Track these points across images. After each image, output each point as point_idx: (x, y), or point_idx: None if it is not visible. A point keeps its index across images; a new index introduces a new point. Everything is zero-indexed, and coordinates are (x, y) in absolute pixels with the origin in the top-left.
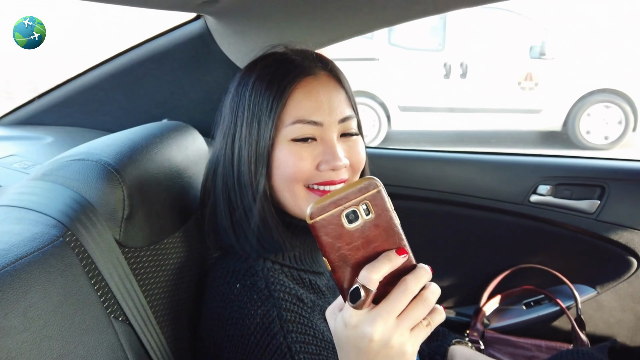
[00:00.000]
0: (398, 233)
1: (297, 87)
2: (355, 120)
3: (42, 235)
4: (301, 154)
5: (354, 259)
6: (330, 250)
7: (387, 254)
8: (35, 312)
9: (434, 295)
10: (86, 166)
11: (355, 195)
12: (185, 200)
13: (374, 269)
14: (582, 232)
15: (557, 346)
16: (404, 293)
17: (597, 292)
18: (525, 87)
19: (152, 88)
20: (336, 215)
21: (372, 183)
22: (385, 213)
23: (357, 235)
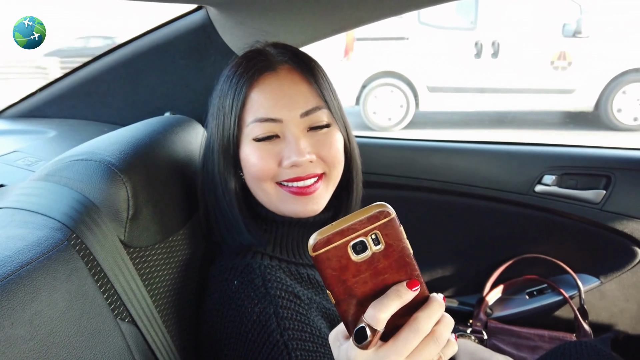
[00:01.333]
0: (410, 264)
1: (254, 85)
2: (324, 112)
3: (46, 240)
4: (262, 152)
5: (361, 292)
6: (334, 283)
7: (397, 288)
8: (41, 319)
9: (447, 330)
10: (89, 166)
11: (363, 225)
12: (189, 197)
13: (382, 307)
14: (587, 222)
15: (560, 336)
16: (416, 333)
17: (601, 282)
18: (558, 66)
19: (154, 80)
20: (342, 247)
21: (384, 212)
22: (397, 243)
23: (365, 267)
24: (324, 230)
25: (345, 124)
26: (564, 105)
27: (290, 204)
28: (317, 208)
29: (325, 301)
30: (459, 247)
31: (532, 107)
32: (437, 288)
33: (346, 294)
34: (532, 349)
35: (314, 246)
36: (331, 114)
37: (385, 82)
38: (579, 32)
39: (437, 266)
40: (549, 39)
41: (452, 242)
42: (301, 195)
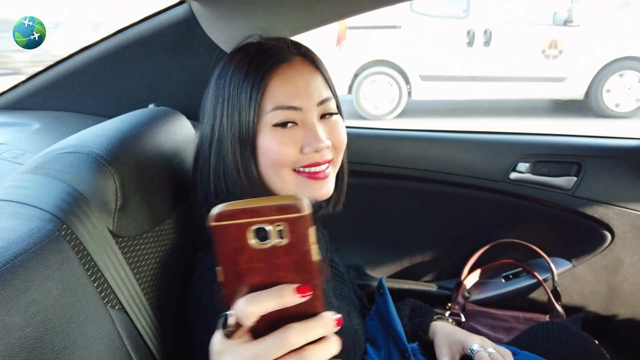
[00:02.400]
0: (311, 271)
1: (273, 75)
2: (333, 101)
3: (38, 230)
4: (283, 139)
5: (251, 281)
6: (226, 262)
7: (281, 288)
8: (35, 307)
9: (319, 356)
10: (78, 159)
11: (272, 212)
12: (176, 187)
13: (255, 301)
14: (559, 207)
15: (534, 317)
16: (280, 342)
17: (573, 265)
18: (549, 55)
19: (137, 72)
20: (243, 226)
21: (295, 206)
22: (302, 244)
23: (262, 256)
24: (232, 204)
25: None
26: (555, 94)
27: (308, 189)
28: (329, 192)
29: None
30: (438, 233)
31: (523, 95)
32: (416, 273)
33: (235, 277)
34: (508, 330)
35: (216, 216)
36: (337, 103)
37: (377, 71)
38: (570, 21)
39: (417, 252)
40: (541, 28)
41: (431, 228)
42: (317, 180)
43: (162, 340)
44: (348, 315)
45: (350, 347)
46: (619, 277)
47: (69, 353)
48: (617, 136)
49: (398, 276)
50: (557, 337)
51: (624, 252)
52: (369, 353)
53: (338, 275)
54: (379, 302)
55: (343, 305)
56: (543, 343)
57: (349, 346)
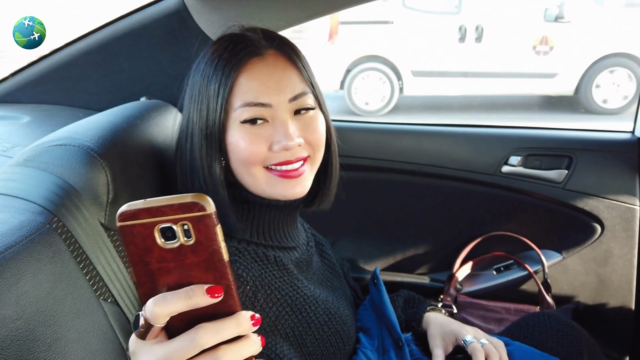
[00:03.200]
0: (221, 270)
1: (242, 70)
2: (310, 96)
3: (29, 223)
4: (252, 137)
5: (163, 281)
6: (136, 262)
7: (191, 288)
8: (27, 299)
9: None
10: (68, 151)
11: (174, 211)
12: (167, 180)
13: (163, 302)
14: (550, 200)
15: (525, 308)
16: (189, 344)
17: (563, 257)
18: (540, 51)
19: (128, 65)
20: (148, 226)
21: (198, 205)
22: (209, 242)
23: (171, 256)
24: (134, 203)
25: (325, 108)
26: (545, 90)
27: (279, 187)
28: (303, 190)
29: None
30: (430, 226)
31: (515, 91)
32: (409, 266)
33: (147, 277)
34: (499, 321)
35: (120, 216)
36: (315, 98)
37: (369, 67)
38: (562, 17)
39: (410, 245)
40: (532, 24)
41: (424, 221)
42: (289, 179)
43: None
44: (337, 306)
45: (338, 337)
46: (608, 269)
47: (61, 346)
48: (608, 130)
49: (391, 269)
50: (548, 327)
51: (614, 244)
52: (362, 342)
53: (329, 266)
54: (373, 292)
55: (331, 297)
56: (534, 333)
57: (337, 336)
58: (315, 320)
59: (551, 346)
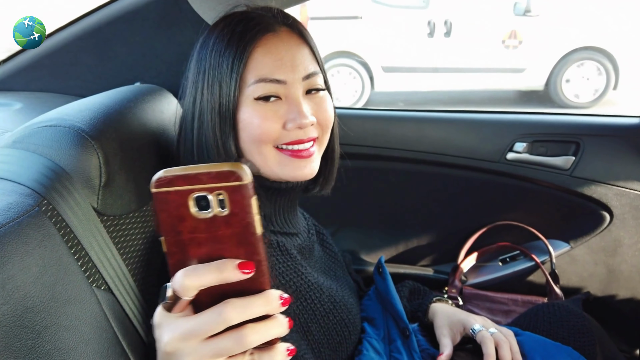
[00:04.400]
0: (254, 245)
1: (257, 45)
2: (320, 76)
3: (16, 205)
4: (266, 114)
5: (194, 252)
6: (168, 231)
7: (223, 262)
8: (14, 284)
9: (259, 335)
10: (59, 132)
11: (211, 179)
12: (163, 166)
13: (193, 274)
14: (557, 188)
15: (533, 300)
16: (216, 317)
17: (571, 247)
18: (509, 45)
19: (122, 50)
20: (183, 194)
21: (235, 174)
22: (243, 215)
23: (204, 227)
24: (171, 170)
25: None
26: (516, 84)
27: (290, 167)
28: (312, 172)
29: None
30: (433, 216)
31: (485, 86)
32: (412, 258)
33: (178, 247)
34: (506, 312)
35: (156, 182)
36: (324, 79)
37: (340, 63)
38: (529, 11)
39: (412, 236)
40: (501, 18)
41: (427, 211)
42: (300, 159)
43: (149, 323)
44: (341, 294)
45: (343, 325)
46: (618, 259)
47: (51, 333)
48: (616, 114)
49: (394, 261)
50: (559, 318)
51: (623, 232)
52: (367, 332)
53: (331, 255)
54: (378, 281)
55: (335, 285)
56: (544, 324)
57: (342, 324)
58: (320, 308)
59: (562, 337)
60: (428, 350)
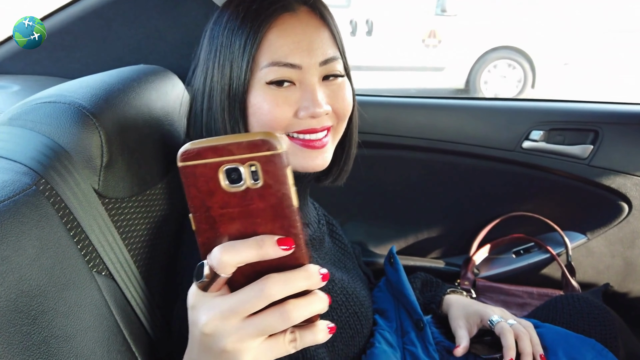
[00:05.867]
0: (290, 218)
1: (272, 25)
2: (340, 62)
3: (12, 183)
4: (278, 99)
5: (225, 229)
6: (197, 207)
7: (262, 237)
8: (8, 265)
9: (303, 310)
10: (58, 109)
11: (242, 149)
12: (167, 150)
13: (232, 250)
14: (574, 177)
15: (549, 292)
16: (259, 293)
17: (588, 239)
18: (429, 44)
19: (125, 31)
20: (213, 167)
21: (268, 143)
22: (278, 186)
23: (236, 201)
24: (198, 142)
25: (351, 77)
26: (437, 83)
27: (300, 157)
28: (324, 163)
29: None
30: (445, 206)
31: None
32: (423, 250)
33: (208, 224)
34: (521, 305)
35: (183, 155)
36: (344, 65)
37: None
38: (445, 11)
39: (423, 227)
40: (420, 17)
41: (438, 201)
42: (311, 149)
43: (152, 311)
44: (353, 286)
45: (356, 318)
46: (636, 251)
47: (48, 319)
48: (636, 102)
49: (404, 253)
50: (579, 310)
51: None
52: (379, 324)
53: (341, 247)
54: (389, 272)
55: (346, 277)
56: (564, 315)
57: (355, 317)
58: (332, 301)
59: (583, 329)
60: (443, 343)
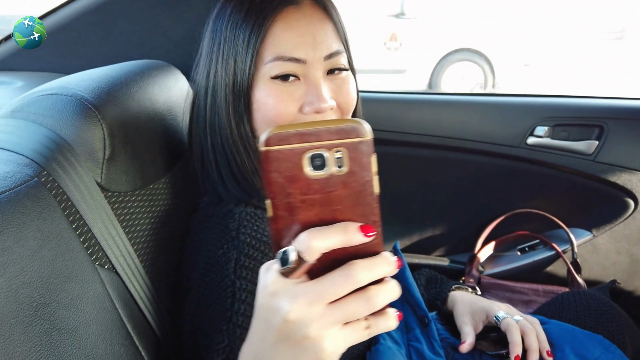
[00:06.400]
0: (371, 205)
1: (277, 18)
2: (344, 56)
3: (13, 175)
4: (282, 95)
5: (304, 215)
6: (277, 193)
7: (346, 224)
8: (9, 256)
9: (386, 295)
10: (60, 101)
11: (330, 135)
12: (170, 145)
13: (320, 235)
14: (580, 174)
15: (555, 290)
16: (345, 280)
17: (593, 235)
18: (390, 47)
19: (128, 27)
20: (298, 152)
21: (359, 129)
22: (363, 173)
23: (317, 188)
24: (283, 126)
25: (355, 71)
26: (399, 86)
27: None
28: None
29: None
30: (449, 203)
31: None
32: (427, 247)
33: (286, 210)
34: (526, 303)
35: (267, 140)
36: (348, 58)
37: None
38: (403, 14)
39: (427, 224)
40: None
41: (442, 198)
42: None
43: (156, 306)
44: None
45: None
46: None
47: (50, 311)
48: None
49: (408, 250)
50: (585, 306)
51: None
52: None
53: None
54: None
55: None
56: (570, 312)
57: None
58: None
59: (590, 326)
60: (448, 340)
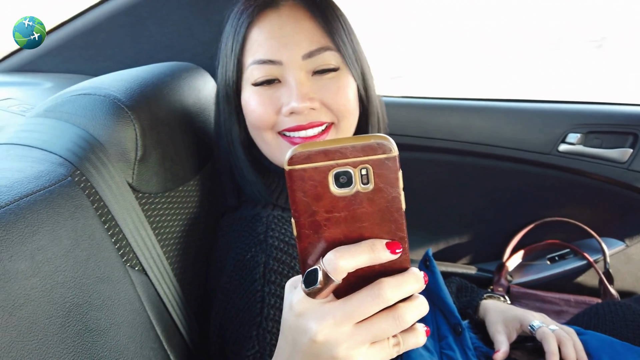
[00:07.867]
0: (398, 221)
1: (254, 23)
2: (333, 53)
3: (47, 174)
4: (261, 98)
5: (330, 233)
6: (302, 212)
7: (373, 242)
8: (44, 255)
9: (415, 312)
10: (94, 101)
11: (355, 153)
12: (199, 147)
13: (347, 254)
14: (613, 182)
15: (587, 300)
16: (373, 299)
17: (626, 245)
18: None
19: (157, 29)
20: (322, 170)
21: (384, 145)
22: (390, 189)
23: (343, 205)
24: (308, 144)
25: (362, 70)
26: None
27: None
28: None
29: None
30: (477, 211)
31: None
32: (454, 255)
33: (312, 229)
34: (558, 313)
35: (291, 159)
36: (341, 56)
37: None
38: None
39: (454, 232)
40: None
41: (470, 206)
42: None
43: (184, 309)
44: None
45: None
46: None
47: (82, 312)
48: None
49: (435, 258)
50: (622, 318)
51: None
52: None
53: None
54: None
55: None
56: (606, 323)
57: None
58: None
59: (627, 337)
60: (481, 349)
